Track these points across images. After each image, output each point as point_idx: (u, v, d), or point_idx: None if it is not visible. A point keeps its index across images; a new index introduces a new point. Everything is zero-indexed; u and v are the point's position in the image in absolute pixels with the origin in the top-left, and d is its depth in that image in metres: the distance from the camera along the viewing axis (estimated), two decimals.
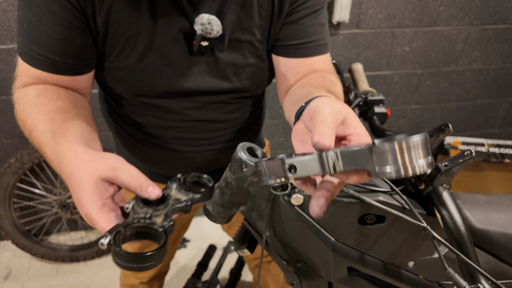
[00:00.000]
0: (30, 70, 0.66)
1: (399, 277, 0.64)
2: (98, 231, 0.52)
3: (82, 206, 0.50)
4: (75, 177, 0.52)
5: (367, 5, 1.75)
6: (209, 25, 0.66)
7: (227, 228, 1.15)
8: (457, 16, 1.88)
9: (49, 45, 0.64)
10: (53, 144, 0.57)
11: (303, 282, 0.67)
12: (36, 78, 0.67)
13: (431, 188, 0.56)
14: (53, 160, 0.57)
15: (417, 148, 0.32)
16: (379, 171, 0.33)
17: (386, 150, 0.33)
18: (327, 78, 0.76)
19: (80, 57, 0.68)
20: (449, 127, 0.56)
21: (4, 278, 1.86)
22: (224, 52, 0.74)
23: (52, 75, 0.67)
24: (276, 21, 0.74)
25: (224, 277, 1.65)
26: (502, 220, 0.59)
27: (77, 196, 0.51)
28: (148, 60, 0.71)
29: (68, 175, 0.53)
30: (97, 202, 0.49)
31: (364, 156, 0.34)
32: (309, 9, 0.74)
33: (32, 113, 0.62)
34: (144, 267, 0.44)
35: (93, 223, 0.49)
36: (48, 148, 0.57)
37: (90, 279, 1.87)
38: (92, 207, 0.49)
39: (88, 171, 0.51)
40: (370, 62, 1.92)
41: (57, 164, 0.56)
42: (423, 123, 2.22)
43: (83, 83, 0.73)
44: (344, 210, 0.58)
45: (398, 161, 0.32)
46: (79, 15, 0.64)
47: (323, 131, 0.39)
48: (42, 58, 0.65)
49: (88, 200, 0.49)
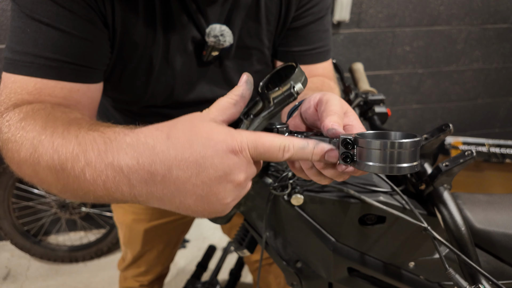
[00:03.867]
0: (30, 84, 0.53)
1: (400, 277, 0.63)
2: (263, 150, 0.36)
3: (224, 140, 0.35)
4: (184, 130, 0.36)
5: (368, 4, 1.74)
6: (221, 37, 0.65)
7: (227, 230, 1.14)
8: (458, 16, 1.88)
9: (56, 41, 0.53)
10: (99, 134, 0.39)
11: (303, 282, 0.67)
12: (38, 92, 0.53)
13: (431, 188, 0.55)
14: (107, 151, 0.36)
15: (406, 151, 0.33)
16: (365, 165, 0.35)
17: (376, 147, 0.33)
18: (325, 83, 0.75)
19: (90, 56, 0.58)
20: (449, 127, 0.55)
21: (3, 278, 1.86)
22: (232, 60, 0.73)
23: (60, 84, 0.55)
24: (282, 26, 0.73)
25: (224, 278, 1.65)
26: (502, 220, 0.59)
27: (205, 146, 0.34)
28: (160, 72, 0.69)
29: (165, 143, 0.35)
30: (236, 130, 0.37)
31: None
32: (314, 15, 0.73)
33: (37, 125, 0.44)
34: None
35: (255, 145, 0.36)
36: (89, 143, 0.38)
37: (89, 280, 1.86)
38: (238, 132, 0.36)
39: (191, 118, 0.37)
40: (371, 62, 1.92)
41: (118, 154, 0.36)
42: (424, 123, 2.22)
43: (92, 98, 0.61)
44: (344, 211, 0.58)
45: (386, 160, 0.33)
46: (91, 10, 0.56)
47: (335, 119, 0.39)
48: (45, 62, 0.53)
49: (226, 131, 0.36)
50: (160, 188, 0.35)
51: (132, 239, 1.07)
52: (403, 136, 0.35)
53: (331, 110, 0.41)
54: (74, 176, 0.38)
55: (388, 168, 0.33)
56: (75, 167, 0.37)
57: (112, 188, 0.36)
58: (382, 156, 0.33)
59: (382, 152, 0.33)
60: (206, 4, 0.64)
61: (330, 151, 0.37)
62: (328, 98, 0.43)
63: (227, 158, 0.35)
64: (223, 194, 0.37)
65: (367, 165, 0.34)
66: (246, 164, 0.36)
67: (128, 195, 0.36)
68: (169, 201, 0.36)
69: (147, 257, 1.11)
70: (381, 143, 0.33)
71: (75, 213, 1.97)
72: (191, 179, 0.35)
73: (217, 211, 0.38)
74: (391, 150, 0.33)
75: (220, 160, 0.35)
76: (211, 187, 0.36)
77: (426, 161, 0.59)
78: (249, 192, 0.64)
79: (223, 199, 0.37)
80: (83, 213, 1.98)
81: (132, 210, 1.00)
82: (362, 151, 0.35)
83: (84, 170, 0.37)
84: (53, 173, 0.39)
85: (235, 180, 0.36)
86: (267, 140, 0.36)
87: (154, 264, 1.14)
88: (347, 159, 0.36)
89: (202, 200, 0.36)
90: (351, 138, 0.36)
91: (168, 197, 0.36)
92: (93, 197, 0.39)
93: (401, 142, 0.33)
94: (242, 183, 0.37)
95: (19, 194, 1.87)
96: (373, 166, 0.34)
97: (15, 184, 1.82)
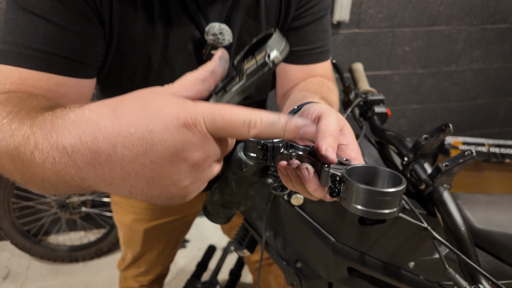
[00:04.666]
0: (15, 74, 0.51)
1: (400, 277, 0.63)
2: (223, 125, 0.31)
3: (176, 113, 0.30)
4: (132, 104, 0.31)
5: (367, 4, 1.74)
6: (220, 35, 0.65)
7: (227, 230, 1.14)
8: (458, 16, 1.88)
9: (48, 33, 0.52)
10: (51, 113, 0.34)
11: (303, 282, 0.67)
12: (22, 82, 0.51)
13: (431, 188, 0.56)
14: (53, 130, 0.32)
15: (390, 199, 0.33)
16: (350, 205, 0.34)
17: (362, 193, 0.33)
18: (324, 84, 0.75)
19: (81, 51, 0.57)
20: (449, 127, 0.55)
21: (3, 278, 1.86)
22: (232, 60, 0.73)
23: (47, 76, 0.54)
24: (281, 26, 0.73)
25: (224, 278, 1.65)
26: (502, 220, 0.59)
27: (151, 119, 0.30)
28: (159, 70, 0.69)
29: (110, 118, 0.30)
30: (194, 101, 0.32)
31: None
32: (314, 15, 0.73)
33: (3, 111, 0.39)
34: None
35: (212, 119, 0.31)
36: (40, 124, 0.33)
37: (89, 280, 1.86)
38: (194, 103, 0.32)
39: (145, 93, 0.32)
40: (370, 62, 1.92)
41: (63, 132, 0.31)
42: (424, 123, 2.22)
43: (81, 94, 0.59)
44: (344, 210, 0.58)
45: (369, 205, 0.33)
46: (87, 6, 0.56)
47: (329, 143, 0.38)
48: (35, 53, 0.52)
49: (181, 102, 0.31)
50: (107, 170, 0.31)
51: (132, 239, 1.07)
52: (390, 177, 0.35)
53: (327, 130, 0.39)
54: (27, 161, 0.34)
55: (371, 213, 0.33)
56: (26, 150, 0.34)
57: (61, 172, 0.32)
58: (367, 201, 0.33)
59: (367, 198, 0.33)
60: (206, 3, 0.64)
61: (305, 127, 0.33)
62: (326, 115, 0.42)
63: (179, 133, 0.30)
64: (177, 175, 0.32)
65: (353, 207, 0.34)
66: (202, 140, 0.31)
67: (78, 179, 0.32)
68: (119, 185, 0.32)
69: (147, 257, 1.11)
70: (368, 191, 0.33)
71: (75, 213, 1.97)
72: (138, 158, 0.30)
73: (176, 196, 0.34)
74: (377, 198, 0.33)
75: (170, 135, 0.30)
76: (161, 167, 0.31)
77: (426, 161, 0.59)
78: (249, 192, 0.64)
79: (178, 181, 0.32)
80: (83, 213, 1.98)
81: (132, 210, 1.00)
82: (349, 191, 0.34)
83: (33, 153, 0.33)
84: (10, 159, 0.36)
85: (190, 158, 0.31)
86: (228, 113, 0.31)
87: (154, 264, 1.14)
88: (333, 194, 0.36)
89: (154, 183, 0.32)
90: (340, 176, 0.35)
91: (117, 181, 0.32)
92: (48, 185, 0.35)
93: (387, 192, 0.32)
94: (200, 163, 0.32)
95: (19, 194, 1.87)
96: (358, 209, 0.34)
97: (15, 184, 1.82)
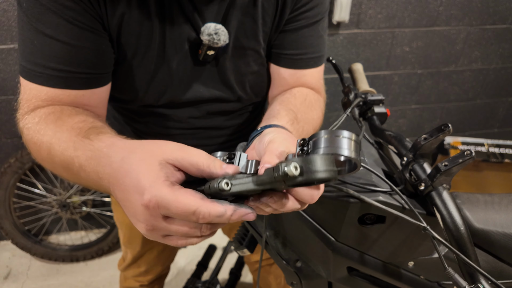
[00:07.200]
0: (43, 92, 0.60)
1: (399, 277, 0.64)
2: (176, 212, 0.39)
3: (144, 190, 0.39)
4: (130, 160, 0.41)
5: (367, 5, 1.75)
6: (216, 35, 0.65)
7: (228, 231, 1.15)
8: (457, 16, 1.88)
9: (60, 52, 0.59)
10: (88, 142, 0.48)
11: (303, 282, 0.67)
12: (49, 100, 0.61)
13: (431, 188, 0.56)
14: (91, 158, 0.46)
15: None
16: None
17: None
18: (307, 99, 0.75)
19: (94, 64, 0.63)
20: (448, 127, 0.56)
21: (4, 278, 1.86)
22: (228, 60, 0.73)
23: (67, 92, 0.61)
24: (275, 27, 0.73)
25: (224, 277, 1.65)
26: (502, 220, 0.59)
27: (132, 183, 0.40)
28: (156, 70, 0.69)
29: (117, 163, 0.43)
30: (165, 182, 0.39)
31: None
32: (309, 19, 0.73)
33: (49, 130, 0.54)
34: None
35: (167, 205, 0.38)
36: (81, 149, 0.48)
37: (90, 279, 1.87)
38: (161, 186, 0.39)
39: (148, 151, 0.42)
40: (370, 62, 1.92)
41: (95, 162, 0.46)
42: (423, 123, 2.22)
43: (100, 99, 0.67)
44: (344, 210, 0.58)
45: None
46: (90, 16, 0.59)
47: (266, 159, 0.44)
48: (53, 72, 0.59)
49: (153, 180, 0.39)
50: (112, 191, 0.45)
51: (132, 239, 1.07)
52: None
53: (268, 149, 0.45)
54: (75, 174, 0.50)
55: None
56: (73, 168, 0.49)
57: (94, 182, 0.48)
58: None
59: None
60: (202, 3, 0.64)
61: (247, 215, 0.41)
62: (272, 140, 0.47)
63: (140, 205, 0.40)
64: (136, 218, 0.42)
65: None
66: (151, 219, 0.40)
67: (100, 186, 0.48)
68: (119, 201, 0.44)
69: (147, 257, 1.11)
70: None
71: (76, 213, 1.97)
72: (121, 195, 0.43)
73: (139, 229, 0.43)
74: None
75: (135, 201, 0.40)
76: (129, 210, 0.43)
77: (425, 161, 0.59)
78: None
79: (137, 223, 0.43)
80: (84, 213, 1.98)
81: None
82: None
83: (79, 171, 0.49)
84: (64, 170, 0.52)
85: (144, 223, 0.41)
86: (181, 204, 0.38)
87: (154, 264, 1.14)
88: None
89: (128, 212, 0.43)
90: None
91: (122, 202, 0.44)
92: (92, 188, 0.52)
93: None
94: (151, 230, 0.42)
95: (20, 194, 1.87)
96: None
97: (16, 184, 1.82)
